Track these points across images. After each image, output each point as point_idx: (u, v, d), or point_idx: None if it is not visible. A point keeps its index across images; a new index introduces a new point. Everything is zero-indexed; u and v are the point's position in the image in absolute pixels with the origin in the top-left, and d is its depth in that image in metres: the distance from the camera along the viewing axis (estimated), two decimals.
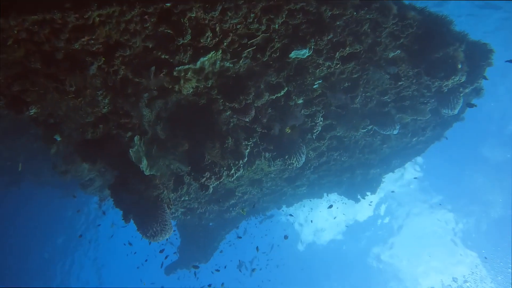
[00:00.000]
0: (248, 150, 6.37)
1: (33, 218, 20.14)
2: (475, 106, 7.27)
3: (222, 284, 16.30)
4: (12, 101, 4.56)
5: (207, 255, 12.34)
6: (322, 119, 7.29)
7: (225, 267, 15.60)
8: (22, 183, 14.91)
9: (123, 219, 6.00)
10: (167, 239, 6.09)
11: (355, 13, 5.05)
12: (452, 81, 6.27)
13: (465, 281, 27.40)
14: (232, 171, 6.05)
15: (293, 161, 7.13)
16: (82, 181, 7.29)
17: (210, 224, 12.66)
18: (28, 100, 4.60)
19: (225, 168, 5.96)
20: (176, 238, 13.91)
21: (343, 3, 4.88)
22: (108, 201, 8.70)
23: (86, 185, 7.44)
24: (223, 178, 6.03)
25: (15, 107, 4.60)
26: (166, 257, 13.29)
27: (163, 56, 4.61)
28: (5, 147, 10.89)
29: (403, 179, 27.89)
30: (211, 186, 6.19)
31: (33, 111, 4.73)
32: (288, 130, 6.29)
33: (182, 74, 4.96)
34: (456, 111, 7.26)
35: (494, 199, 25.19)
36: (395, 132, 7.90)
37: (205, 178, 5.90)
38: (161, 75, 4.80)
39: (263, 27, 4.78)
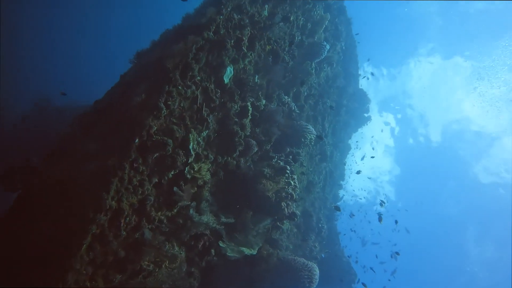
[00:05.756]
0: (282, 163, 6.75)
1: None
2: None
3: None
4: None
5: (349, 269, 12.00)
6: (286, 96, 7.94)
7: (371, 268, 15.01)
8: None
9: None
10: None
11: (221, 17, 5.88)
12: None
13: None
14: (292, 182, 6.34)
15: (309, 136, 7.58)
16: None
17: (323, 255, 12.41)
18: None
19: (286, 187, 6.26)
20: None
21: (210, 20, 5.70)
22: None
23: None
24: (294, 194, 6.29)
25: None
26: None
27: (171, 175, 5.02)
28: None
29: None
30: (294, 210, 6.40)
31: None
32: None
33: (192, 172, 5.37)
34: None
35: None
36: (328, 47, 8.74)
37: (285, 209, 6.13)
38: (183, 186, 5.18)
39: (194, 87, 5.40)
